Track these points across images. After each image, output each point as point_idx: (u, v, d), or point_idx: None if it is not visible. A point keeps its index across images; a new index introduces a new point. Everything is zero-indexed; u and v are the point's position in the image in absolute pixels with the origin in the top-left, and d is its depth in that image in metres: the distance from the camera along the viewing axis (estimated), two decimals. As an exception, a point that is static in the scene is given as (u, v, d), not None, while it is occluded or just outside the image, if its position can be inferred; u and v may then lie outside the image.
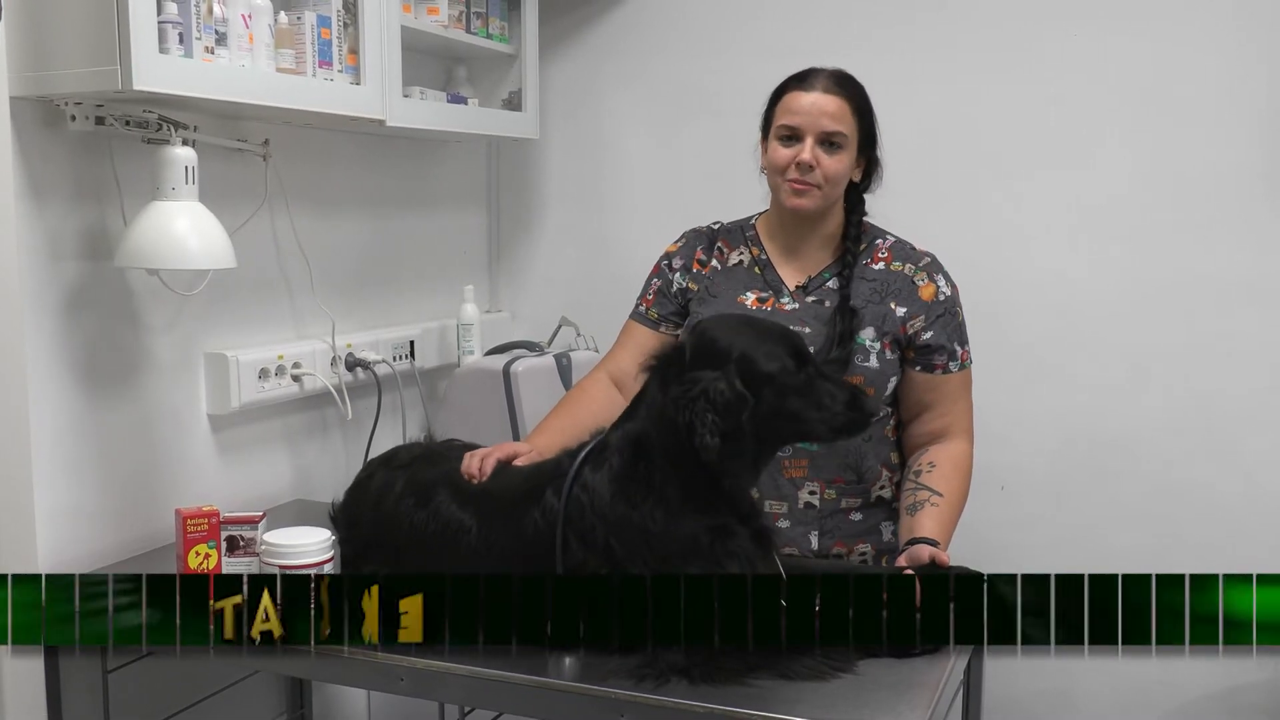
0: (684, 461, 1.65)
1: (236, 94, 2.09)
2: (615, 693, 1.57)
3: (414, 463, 1.97)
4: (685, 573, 1.60)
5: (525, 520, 1.72)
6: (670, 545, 1.64)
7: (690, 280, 2.16)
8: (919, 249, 2.12)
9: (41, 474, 2.02)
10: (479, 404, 2.78)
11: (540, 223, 3.35)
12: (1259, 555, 2.72)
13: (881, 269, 2.08)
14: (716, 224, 2.21)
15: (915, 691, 1.57)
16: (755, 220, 2.19)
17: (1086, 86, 2.78)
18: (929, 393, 2.07)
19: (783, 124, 2.02)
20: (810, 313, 2.05)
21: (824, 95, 2.00)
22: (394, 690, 1.74)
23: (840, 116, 2.00)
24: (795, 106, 2.01)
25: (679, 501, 1.66)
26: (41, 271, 2.03)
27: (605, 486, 1.68)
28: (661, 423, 1.68)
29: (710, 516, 1.67)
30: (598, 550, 1.65)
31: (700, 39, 3.10)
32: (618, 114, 3.22)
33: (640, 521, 1.65)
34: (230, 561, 1.93)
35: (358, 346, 2.71)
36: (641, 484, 1.67)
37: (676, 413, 1.64)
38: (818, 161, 1.99)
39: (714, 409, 1.62)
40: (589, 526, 1.67)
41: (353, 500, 2.02)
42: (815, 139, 1.99)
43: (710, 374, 1.65)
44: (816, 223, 2.08)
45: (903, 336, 2.05)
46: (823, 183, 2.00)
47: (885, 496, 2.10)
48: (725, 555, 1.65)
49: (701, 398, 1.62)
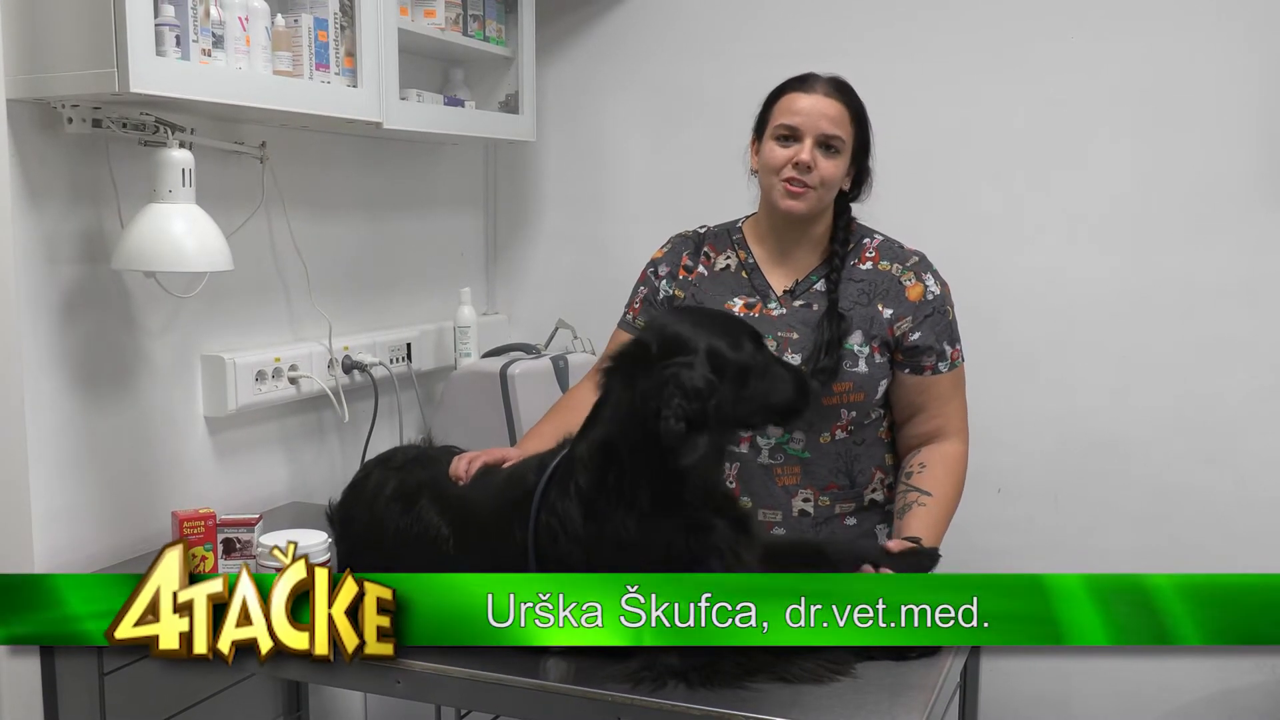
0: (654, 460, 1.61)
1: (233, 96, 2.09)
2: (613, 695, 1.57)
3: (408, 465, 1.96)
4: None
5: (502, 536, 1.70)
6: (647, 552, 1.61)
7: (677, 287, 2.15)
8: (907, 248, 2.11)
9: (38, 476, 2.02)
10: (476, 406, 2.78)
11: (537, 225, 3.35)
12: (1254, 558, 2.72)
13: (869, 269, 2.07)
14: (703, 228, 2.20)
15: (911, 694, 1.58)
16: (742, 223, 2.18)
17: (1084, 88, 2.79)
18: (920, 395, 2.07)
19: (781, 124, 2.01)
20: (798, 318, 2.05)
21: (824, 99, 2.00)
22: (390, 693, 1.73)
23: (839, 121, 2.00)
24: (795, 107, 2.01)
25: (651, 505, 1.63)
26: (38, 274, 2.03)
27: (574, 508, 1.65)
28: (629, 421, 1.64)
29: (685, 515, 1.64)
30: (578, 571, 1.62)
31: (697, 42, 3.10)
32: (615, 116, 3.22)
33: (613, 534, 1.62)
34: (227, 564, 1.93)
35: (355, 349, 2.71)
36: (611, 494, 1.64)
37: (644, 403, 1.61)
38: (815, 163, 1.99)
39: (682, 394, 1.59)
40: (565, 553, 1.64)
41: (349, 501, 2.02)
42: (814, 140, 1.99)
43: (681, 359, 1.62)
44: (807, 226, 2.07)
45: (890, 339, 2.04)
46: (818, 185, 2.00)
47: (878, 500, 2.10)
48: (705, 552, 1.63)
49: (671, 382, 1.59)
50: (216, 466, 2.44)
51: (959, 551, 1.93)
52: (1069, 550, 2.86)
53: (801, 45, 2.96)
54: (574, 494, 1.65)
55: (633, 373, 1.66)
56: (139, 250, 2.02)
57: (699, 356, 1.63)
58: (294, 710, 2.65)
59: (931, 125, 2.90)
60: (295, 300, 2.61)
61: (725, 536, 1.65)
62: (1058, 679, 2.92)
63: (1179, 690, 2.84)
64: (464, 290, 3.01)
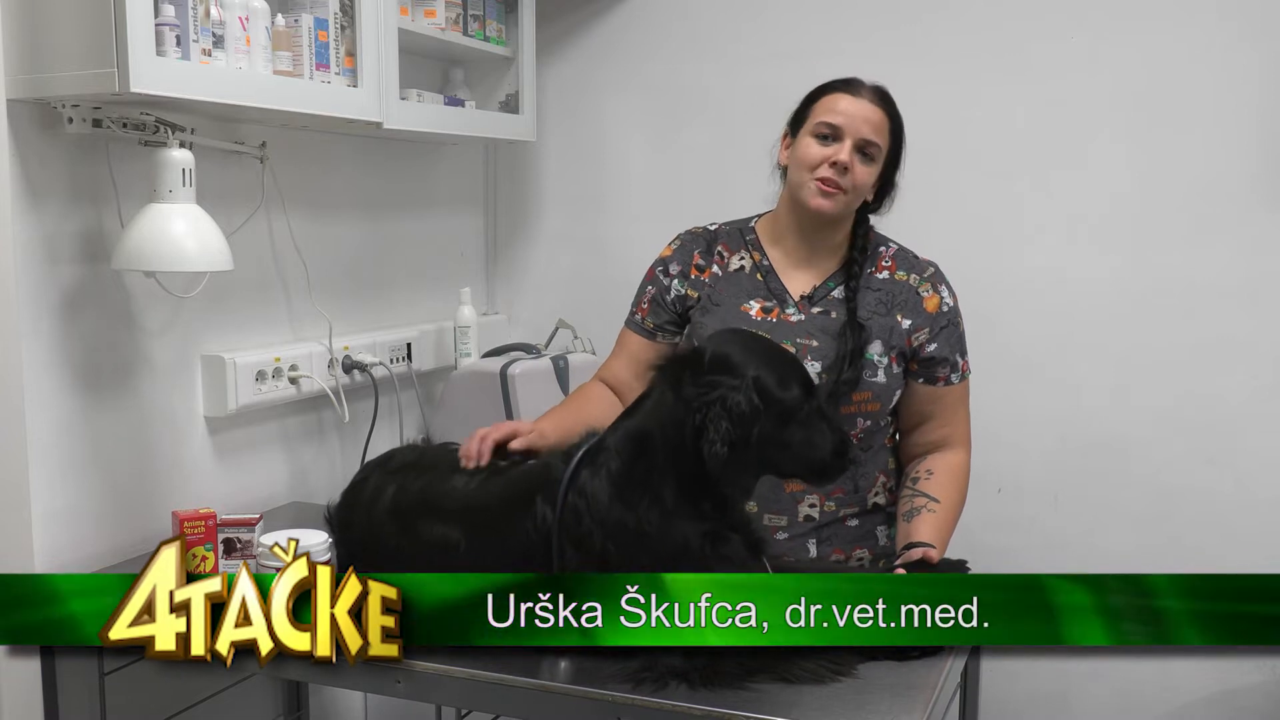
0: (684, 463, 1.65)
1: (233, 96, 2.09)
2: (614, 695, 1.57)
3: (404, 470, 1.94)
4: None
5: (517, 530, 1.71)
6: (664, 547, 1.63)
7: (689, 287, 2.13)
8: (921, 258, 2.10)
9: (38, 476, 2.02)
10: (476, 406, 2.78)
11: (537, 225, 3.35)
12: (1254, 558, 2.72)
13: (886, 278, 2.06)
14: (713, 225, 2.17)
15: (913, 694, 1.58)
16: (755, 222, 2.15)
17: (1084, 90, 2.79)
18: (931, 404, 2.07)
19: (823, 121, 1.99)
20: (816, 325, 2.03)
21: (869, 104, 1.99)
22: (391, 693, 1.73)
23: (880, 129, 1.99)
24: (839, 107, 1.99)
25: (674, 504, 1.66)
26: (38, 274, 2.03)
27: (603, 489, 1.67)
28: (668, 421, 1.67)
29: (704, 522, 1.67)
30: (593, 555, 1.64)
31: (697, 41, 3.10)
32: (615, 116, 3.22)
33: (635, 524, 1.64)
34: (228, 564, 1.93)
35: (355, 349, 2.71)
36: (639, 485, 1.66)
37: (689, 413, 1.64)
38: (852, 166, 1.97)
39: (729, 417, 1.62)
40: (585, 532, 1.66)
41: (347, 503, 2.00)
42: (854, 143, 1.97)
43: (729, 381, 1.65)
44: (829, 230, 2.05)
45: (908, 349, 2.04)
46: (850, 188, 1.99)
47: (881, 503, 2.10)
48: (717, 559, 1.65)
49: (718, 403, 1.63)
50: (217, 466, 2.44)
51: (960, 551, 1.93)
52: (1069, 550, 2.86)
53: (803, 46, 2.96)
54: (604, 477, 1.67)
55: (680, 377, 1.69)
56: (139, 250, 2.02)
57: (745, 383, 1.65)
58: (294, 710, 2.65)
59: (933, 126, 2.88)
60: (295, 300, 2.61)
61: (738, 551, 1.67)
62: (1058, 679, 2.92)
63: (1179, 690, 2.84)
64: (464, 290, 3.01)
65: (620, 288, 2.26)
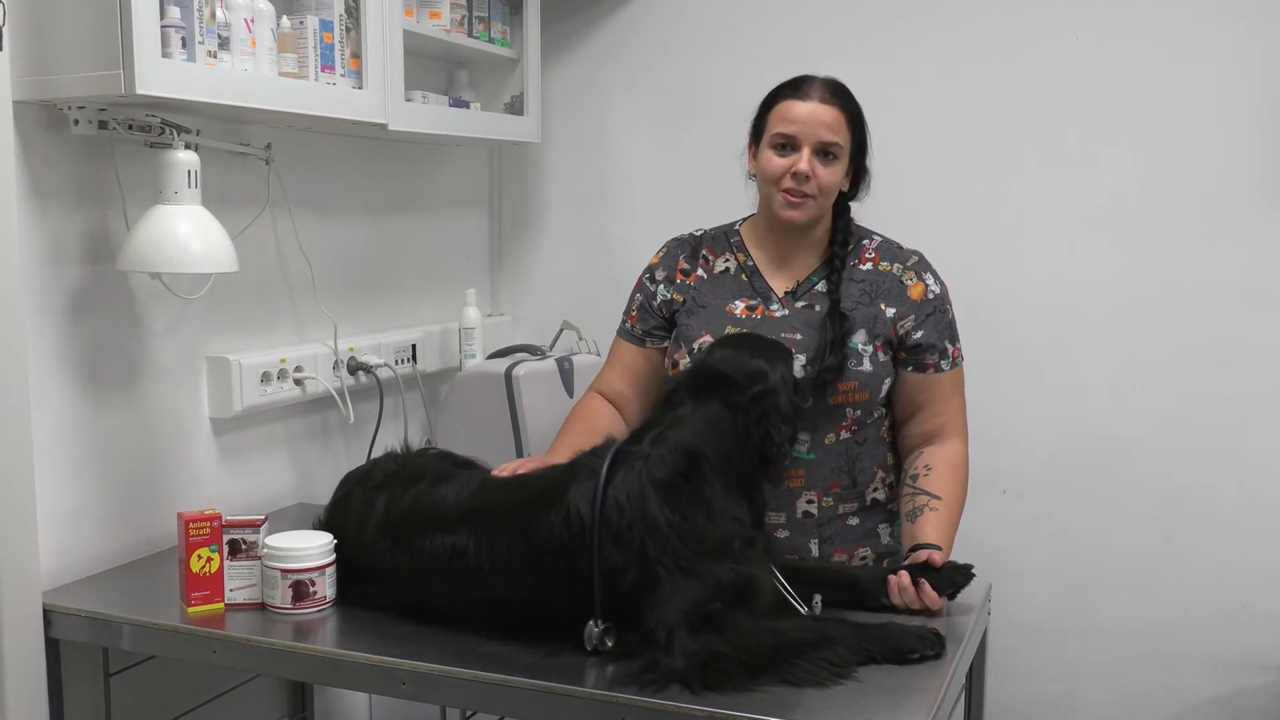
0: (729, 472, 1.73)
1: (239, 98, 2.09)
2: (618, 697, 1.58)
3: (388, 483, 1.94)
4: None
5: (536, 525, 1.72)
6: (706, 541, 1.67)
7: (674, 291, 2.15)
8: (905, 248, 2.11)
9: (43, 478, 2.02)
10: (481, 408, 2.78)
11: (542, 226, 3.35)
12: (1257, 559, 2.72)
13: (869, 269, 2.07)
14: (699, 231, 2.20)
15: (917, 697, 1.58)
16: (739, 226, 2.18)
17: (1086, 90, 2.79)
18: (922, 393, 2.07)
19: (778, 132, 2.00)
20: (800, 319, 2.05)
21: (820, 105, 1.99)
22: (395, 694, 1.74)
23: (836, 127, 1.99)
24: (791, 115, 1.99)
25: (720, 507, 1.71)
26: (44, 275, 2.03)
27: (650, 490, 1.68)
28: (720, 435, 1.74)
29: (741, 525, 1.73)
30: (631, 551, 1.65)
31: (702, 43, 3.10)
32: (619, 118, 3.22)
33: (678, 524, 1.67)
34: (233, 565, 1.93)
35: (360, 350, 2.71)
36: (685, 492, 1.70)
37: (751, 425, 1.75)
38: (814, 172, 1.98)
39: (781, 419, 1.76)
40: (624, 526, 1.66)
41: (332, 520, 2.00)
42: (811, 149, 1.98)
43: (767, 386, 1.78)
44: (806, 230, 2.07)
45: (894, 337, 2.04)
46: (817, 193, 2.00)
47: (880, 499, 2.10)
48: (749, 560, 1.72)
49: (772, 411, 1.75)
50: (222, 468, 2.44)
51: (965, 553, 1.93)
52: (1072, 551, 2.85)
53: (805, 47, 2.97)
54: (647, 477, 1.70)
55: (710, 392, 1.78)
56: (144, 251, 2.02)
57: (780, 383, 1.80)
58: (299, 711, 2.66)
59: (934, 126, 2.90)
60: (300, 301, 2.61)
61: (767, 548, 1.80)
62: (1063, 682, 2.92)
63: (1183, 693, 2.83)
64: (469, 291, 3.02)
65: (625, 289, 2.26)
